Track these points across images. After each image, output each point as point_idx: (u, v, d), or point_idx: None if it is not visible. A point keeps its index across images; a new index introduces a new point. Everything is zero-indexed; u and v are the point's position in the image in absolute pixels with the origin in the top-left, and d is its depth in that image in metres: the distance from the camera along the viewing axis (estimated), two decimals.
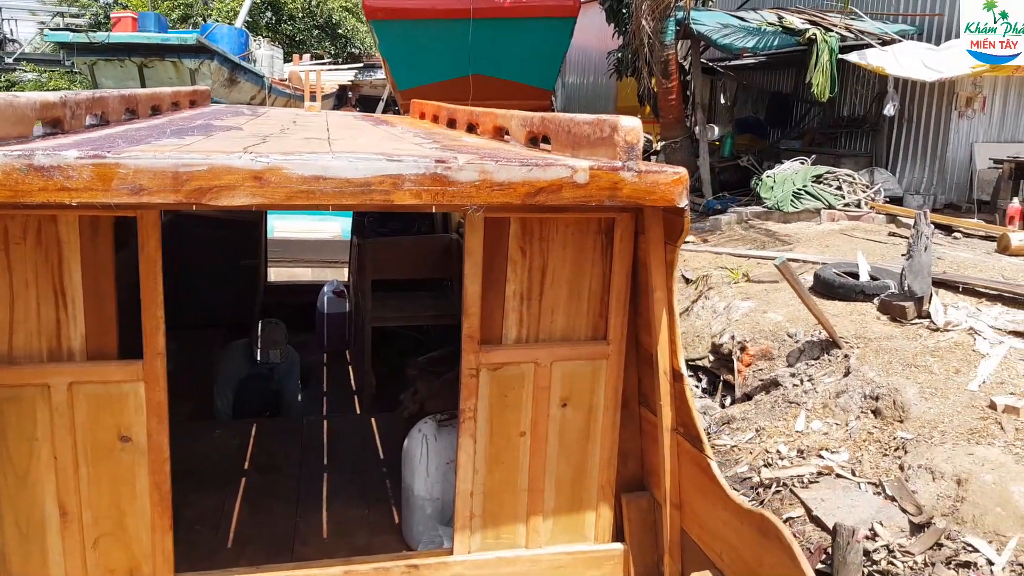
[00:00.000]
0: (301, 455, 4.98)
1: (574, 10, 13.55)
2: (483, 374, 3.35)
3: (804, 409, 5.42)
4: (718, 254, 9.23)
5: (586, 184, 2.77)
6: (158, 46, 14.32)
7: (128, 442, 3.02)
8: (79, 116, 3.36)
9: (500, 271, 3.33)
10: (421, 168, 2.59)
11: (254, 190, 2.43)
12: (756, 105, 15.91)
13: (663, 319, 3.24)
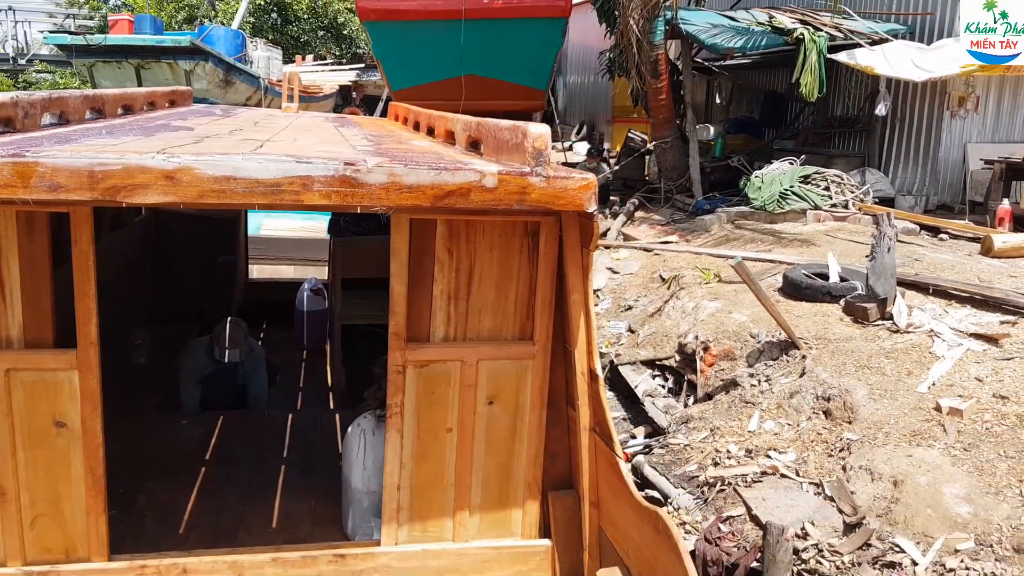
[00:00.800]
0: (260, 448, 5.08)
1: (565, 10, 13.59)
2: (409, 371, 3.44)
3: (759, 409, 5.47)
4: (698, 254, 9.28)
5: (495, 188, 2.86)
6: (153, 48, 14.53)
7: (63, 427, 3.15)
8: (33, 116, 3.48)
9: (428, 271, 3.41)
10: (330, 170, 2.70)
11: (166, 189, 2.57)
12: (751, 105, 15.91)
13: (580, 321, 3.32)
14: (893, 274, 6.23)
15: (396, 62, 13.94)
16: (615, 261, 9.88)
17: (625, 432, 6.66)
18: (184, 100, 6.76)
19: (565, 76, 24.75)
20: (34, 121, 3.51)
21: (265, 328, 7.71)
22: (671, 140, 13.02)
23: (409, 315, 3.40)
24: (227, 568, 3.34)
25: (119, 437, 4.95)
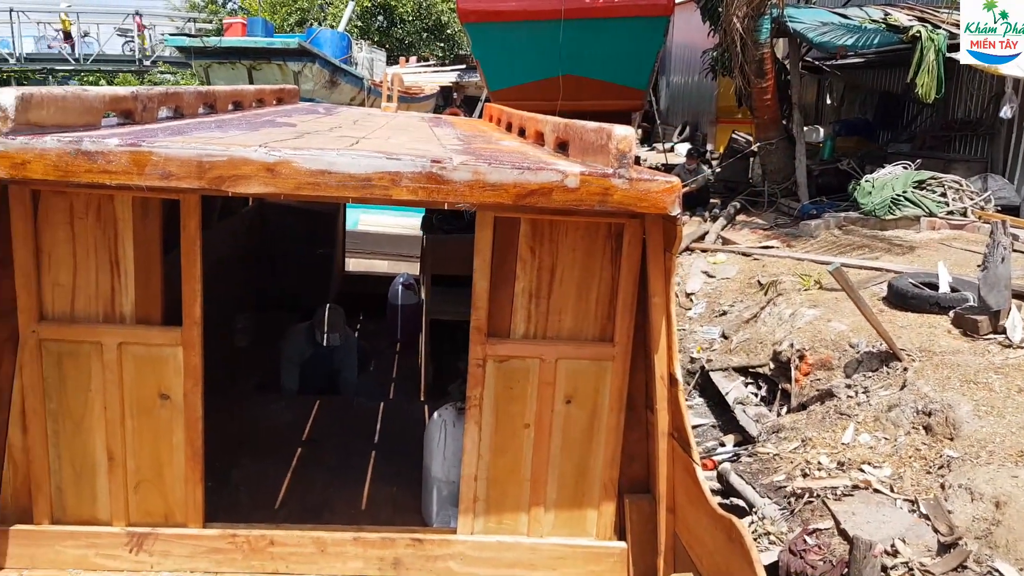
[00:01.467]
0: (350, 434, 5.23)
1: (668, 9, 13.39)
2: (489, 365, 3.48)
3: (854, 421, 5.25)
4: (800, 260, 8.99)
5: (577, 189, 2.88)
6: (264, 50, 15.16)
7: (167, 400, 3.37)
8: (151, 109, 3.72)
9: (510, 269, 3.45)
10: (418, 167, 2.80)
11: (267, 180, 2.74)
12: (865, 106, 15.28)
13: (661, 324, 3.28)
14: (1008, 285, 5.86)
15: (494, 62, 14.06)
16: (712, 265, 9.68)
17: (714, 439, 6.52)
18: (291, 98, 7.02)
19: (668, 76, 24.42)
20: (152, 114, 3.75)
21: (361, 320, 7.93)
22: (777, 142, 12.66)
23: (491, 311, 3.45)
24: (311, 543, 3.47)
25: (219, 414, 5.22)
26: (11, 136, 2.64)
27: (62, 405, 3.30)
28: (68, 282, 3.24)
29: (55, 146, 2.64)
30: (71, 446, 3.34)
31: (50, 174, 2.67)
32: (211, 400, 5.33)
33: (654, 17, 13.48)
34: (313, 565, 3.48)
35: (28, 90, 2.82)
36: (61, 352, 3.26)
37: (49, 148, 2.65)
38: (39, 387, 3.26)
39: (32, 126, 2.76)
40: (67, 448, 3.34)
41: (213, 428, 5.03)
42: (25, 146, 2.64)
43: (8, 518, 3.35)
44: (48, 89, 2.97)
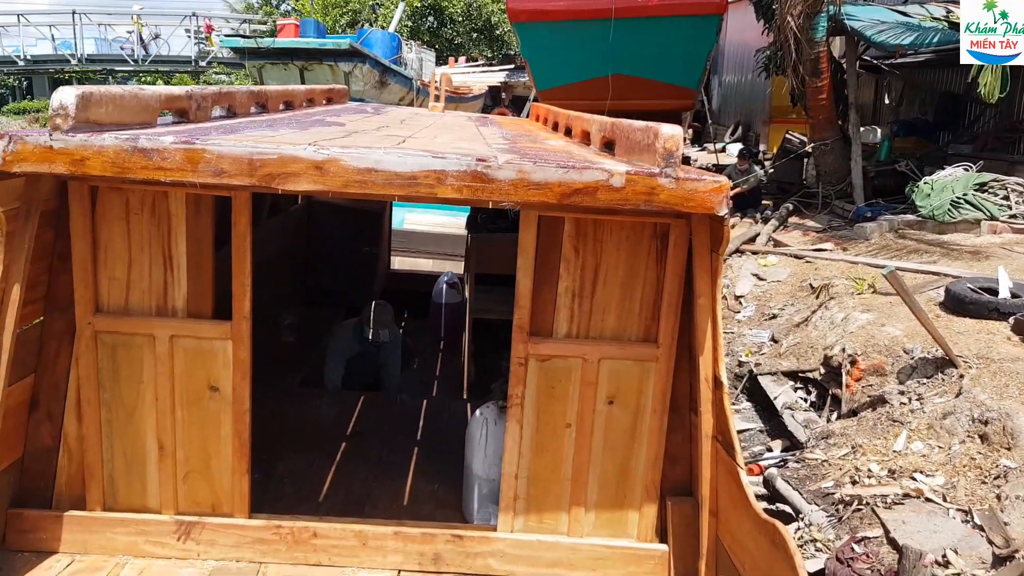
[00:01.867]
0: (393, 430, 5.26)
1: (721, 7, 13.21)
2: (531, 364, 3.46)
3: (907, 429, 5.11)
4: (854, 263, 8.78)
5: (622, 188, 2.86)
6: (316, 51, 15.39)
7: (216, 392, 3.43)
8: (205, 108, 3.81)
9: (554, 268, 3.44)
10: (463, 166, 2.83)
11: (315, 178, 2.80)
12: (924, 106, 14.87)
13: (707, 326, 3.23)
14: None
15: (543, 62, 14.04)
16: (762, 267, 9.51)
17: (761, 444, 6.41)
18: (340, 98, 7.10)
19: (720, 75, 24.10)
20: (206, 113, 3.83)
21: (405, 317, 7.99)
22: (831, 142, 12.39)
23: (533, 310, 3.44)
24: (353, 536, 3.50)
25: (265, 408, 5.30)
26: (71, 133, 2.73)
27: (115, 395, 3.38)
28: (123, 276, 3.32)
29: (113, 143, 2.73)
30: (123, 435, 3.42)
31: (108, 170, 2.75)
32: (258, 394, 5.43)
33: (706, 16, 13.31)
34: (354, 558, 3.51)
35: (88, 89, 2.90)
36: (115, 344, 3.35)
37: (107, 145, 2.72)
38: (94, 377, 3.34)
39: (91, 124, 2.84)
40: (119, 437, 3.42)
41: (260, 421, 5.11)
42: (84, 143, 2.72)
43: (62, 504, 3.45)
44: (107, 88, 3.05)
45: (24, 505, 3.40)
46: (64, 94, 2.78)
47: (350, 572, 3.49)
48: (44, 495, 3.44)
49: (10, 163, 2.73)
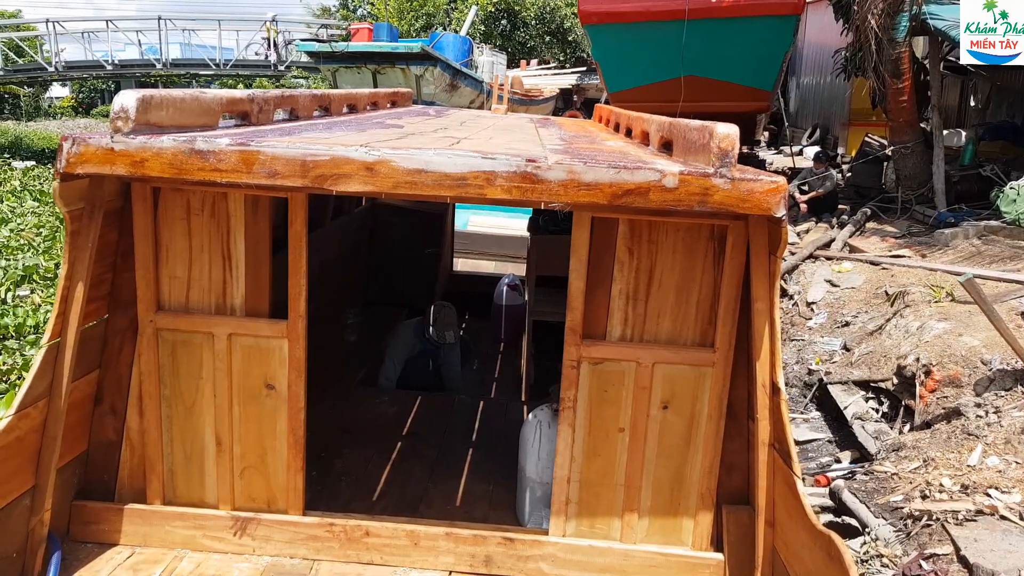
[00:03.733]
0: (450, 430, 5.28)
1: (798, 7, 12.92)
2: (584, 367, 3.43)
3: (983, 443, 4.88)
4: (932, 271, 8.45)
5: (675, 189, 2.81)
6: (388, 54, 15.61)
7: (272, 390, 3.48)
8: (267, 111, 3.90)
9: (607, 270, 3.39)
10: (512, 166, 2.81)
11: (366, 179, 2.83)
12: (1013, 109, 14.22)
13: (765, 331, 3.14)
14: None
15: (615, 64, 13.95)
16: (836, 274, 9.24)
17: (829, 455, 6.22)
18: (404, 101, 7.17)
19: (798, 77, 23.55)
20: (267, 116, 3.91)
21: (466, 318, 8.03)
22: (912, 145, 11.97)
23: (586, 312, 3.40)
24: (405, 536, 3.51)
25: (325, 406, 5.38)
26: (132, 136, 2.81)
27: (175, 391, 3.47)
28: (183, 275, 3.40)
29: (171, 145, 2.80)
30: (183, 431, 3.50)
31: (166, 172, 2.82)
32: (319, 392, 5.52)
33: (783, 16, 13.05)
34: (406, 558, 3.52)
35: (148, 92, 2.99)
36: (175, 341, 3.43)
37: (166, 147, 2.80)
38: (155, 374, 3.44)
39: (152, 126, 2.93)
40: (179, 433, 3.50)
41: (319, 419, 5.19)
42: (144, 145, 2.80)
43: (124, 497, 3.54)
44: (167, 91, 3.14)
45: (88, 497, 3.51)
46: (125, 97, 2.87)
47: (402, 572, 3.49)
48: (107, 488, 3.54)
49: (73, 164, 2.82)
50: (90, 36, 28.47)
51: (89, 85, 44.14)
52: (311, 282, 3.43)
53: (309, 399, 3.51)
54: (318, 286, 6.03)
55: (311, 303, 3.43)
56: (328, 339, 6.03)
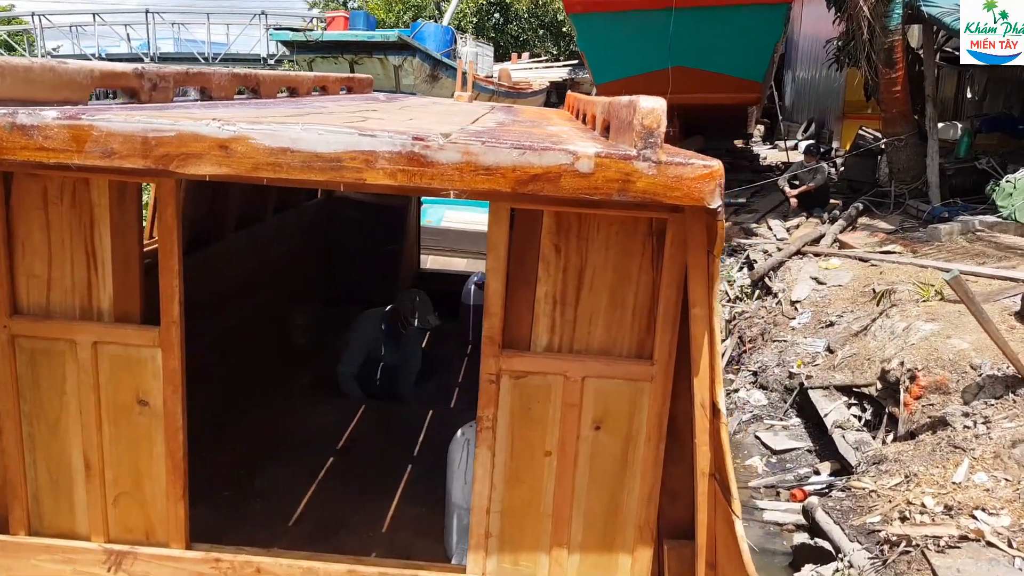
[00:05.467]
0: (391, 444, 4.90)
1: None
2: (504, 381, 3.00)
3: (969, 457, 4.48)
4: (923, 267, 8.04)
5: (590, 174, 2.36)
6: (365, 43, 15.16)
7: (146, 406, 3.04)
8: (164, 88, 3.43)
9: (531, 269, 2.96)
10: (396, 146, 2.35)
11: (220, 159, 2.37)
12: (1010, 100, 13.80)
13: (703, 341, 2.72)
14: None
15: (601, 55, 13.55)
16: (823, 271, 8.83)
17: (808, 466, 5.82)
18: (362, 88, 6.73)
19: (793, 70, 23.11)
20: (165, 94, 3.46)
21: None
22: (906, 138, 11.55)
23: (508, 318, 2.97)
24: (301, 573, 3.10)
25: (258, 414, 4.98)
26: None
27: (36, 407, 3.04)
28: (43, 273, 2.97)
29: None
30: (47, 452, 3.08)
31: None
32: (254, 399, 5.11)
33: (773, 5, 12.61)
34: None
35: None
36: (35, 349, 3.00)
37: None
38: (12, 387, 3.01)
39: None
40: (43, 453, 3.08)
41: (245, 431, 4.79)
42: None
43: None
44: (11, 59, 2.72)
45: None
46: None
47: None
48: None
49: None
50: (78, 30, 28.05)
51: None
52: (248, 281, 2.99)
53: (238, 408, 3.08)
54: (257, 286, 5.64)
55: (247, 304, 2.99)
56: (267, 342, 5.63)
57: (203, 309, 4.67)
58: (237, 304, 5.01)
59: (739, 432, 6.44)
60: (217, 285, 4.84)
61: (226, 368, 4.77)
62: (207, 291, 4.62)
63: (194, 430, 3.10)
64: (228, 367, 4.80)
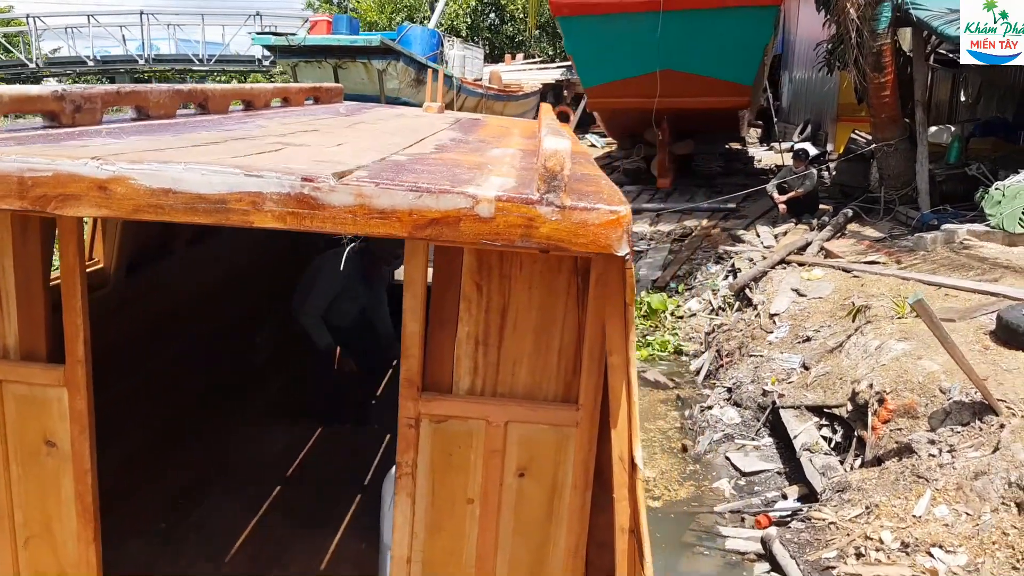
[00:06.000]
0: (342, 470, 4.77)
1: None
2: (424, 426, 2.88)
3: (932, 488, 4.34)
4: (904, 279, 7.89)
5: (491, 218, 2.21)
6: (347, 48, 14.97)
7: (53, 447, 2.94)
8: (90, 110, 3.29)
9: (452, 309, 2.84)
10: (284, 187, 2.21)
11: (99, 201, 2.23)
12: (1004, 104, 13.61)
13: (621, 391, 2.59)
14: None
15: (589, 58, 13.39)
16: (805, 282, 8.68)
17: (776, 489, 5.68)
18: (330, 98, 6.56)
19: (791, 71, 22.91)
20: (92, 116, 3.31)
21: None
22: (896, 143, 11.42)
23: (429, 359, 2.85)
24: None
25: (206, 439, 4.86)
26: None
27: None
28: None
29: None
30: None
31: None
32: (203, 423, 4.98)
33: (762, 7, 12.43)
34: None
35: None
36: None
37: None
38: None
39: None
40: None
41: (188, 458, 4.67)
42: None
43: None
44: None
45: None
46: None
47: None
48: None
49: None
50: (73, 32, 27.99)
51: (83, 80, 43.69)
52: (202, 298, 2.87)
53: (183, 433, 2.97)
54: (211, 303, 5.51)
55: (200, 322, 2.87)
56: (231, 361, 5.51)
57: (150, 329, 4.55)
58: (188, 323, 4.89)
59: (710, 452, 6.30)
60: (166, 304, 4.72)
61: (172, 391, 4.67)
62: (154, 311, 4.50)
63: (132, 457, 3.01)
64: (175, 390, 4.69)
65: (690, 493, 5.71)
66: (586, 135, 23.34)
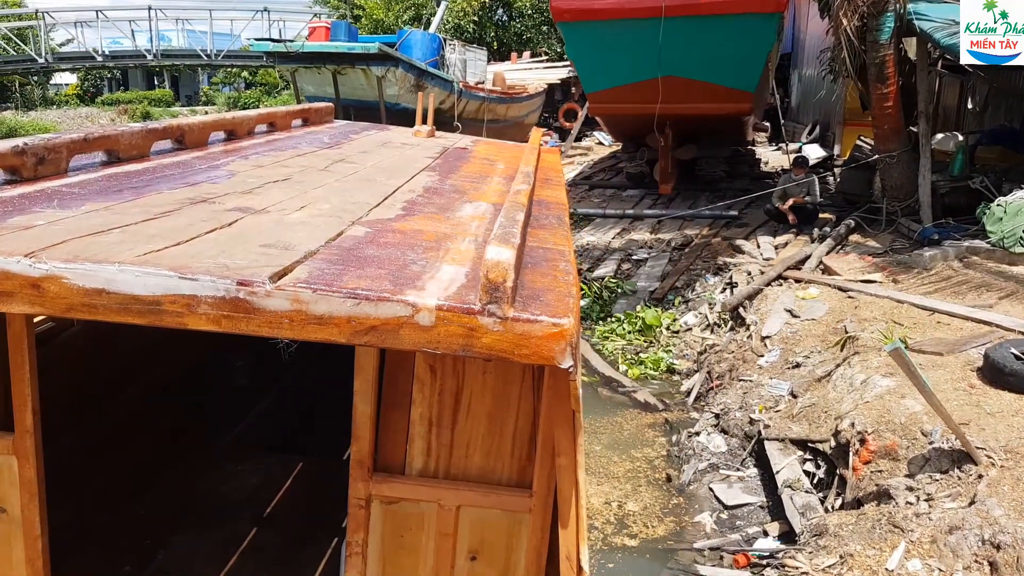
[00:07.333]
0: (320, 508, 4.75)
1: (781, 5, 12.17)
2: (375, 507, 2.88)
3: (907, 540, 4.29)
4: (900, 302, 7.80)
5: (432, 327, 2.17)
6: (345, 55, 14.89)
7: (3, 513, 2.96)
8: (55, 160, 3.23)
9: (405, 390, 2.83)
10: (220, 291, 2.18)
11: (33, 298, 2.20)
12: (1011, 112, 13.40)
13: (570, 494, 2.55)
14: None
15: (590, 63, 13.32)
16: (799, 301, 8.59)
17: (758, 525, 5.64)
18: (320, 118, 6.47)
19: (800, 69, 22.68)
20: (56, 166, 3.26)
21: None
22: (899, 154, 11.26)
23: (381, 439, 2.85)
24: None
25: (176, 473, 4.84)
26: None
27: None
28: None
29: None
30: None
31: None
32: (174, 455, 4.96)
33: (765, 14, 12.29)
34: None
35: None
36: None
37: None
38: None
39: None
40: None
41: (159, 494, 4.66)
42: None
43: None
44: None
45: None
46: None
47: None
48: None
49: None
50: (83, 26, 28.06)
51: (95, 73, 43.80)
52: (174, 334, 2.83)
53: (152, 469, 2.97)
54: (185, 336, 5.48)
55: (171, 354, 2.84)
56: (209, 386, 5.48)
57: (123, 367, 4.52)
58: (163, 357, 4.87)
59: (694, 483, 6.26)
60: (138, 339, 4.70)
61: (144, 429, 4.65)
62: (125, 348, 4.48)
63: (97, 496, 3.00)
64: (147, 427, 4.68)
65: (670, 529, 5.67)
66: (594, 132, 23.21)
